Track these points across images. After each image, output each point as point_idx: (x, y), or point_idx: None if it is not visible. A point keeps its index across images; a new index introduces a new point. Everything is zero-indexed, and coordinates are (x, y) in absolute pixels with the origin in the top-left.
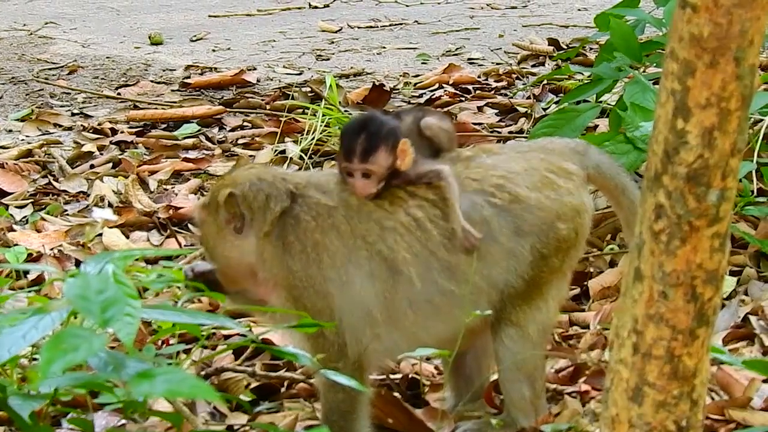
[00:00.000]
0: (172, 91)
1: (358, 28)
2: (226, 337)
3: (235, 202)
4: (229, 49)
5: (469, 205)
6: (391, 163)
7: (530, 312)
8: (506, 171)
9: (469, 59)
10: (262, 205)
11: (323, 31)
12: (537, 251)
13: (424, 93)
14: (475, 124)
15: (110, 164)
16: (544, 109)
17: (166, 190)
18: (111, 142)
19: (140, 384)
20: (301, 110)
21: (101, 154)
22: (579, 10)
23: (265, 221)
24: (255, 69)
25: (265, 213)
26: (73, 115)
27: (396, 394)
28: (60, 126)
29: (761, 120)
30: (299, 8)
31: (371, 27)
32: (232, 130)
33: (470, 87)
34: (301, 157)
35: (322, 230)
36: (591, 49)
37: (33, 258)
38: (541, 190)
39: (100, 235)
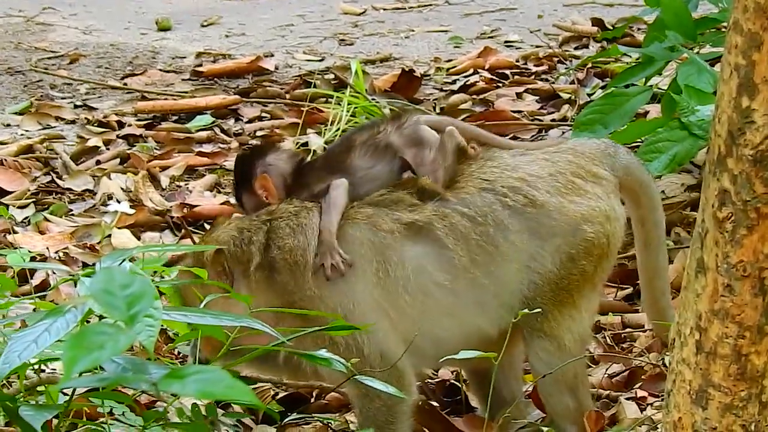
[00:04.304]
0: (183, 80)
1: (384, 9)
2: None
3: (222, 260)
4: (243, 34)
5: (480, 203)
6: (258, 202)
7: (563, 321)
8: (526, 174)
9: (506, 42)
10: (243, 260)
11: (346, 13)
12: (564, 253)
13: (458, 79)
14: (514, 111)
15: (118, 160)
16: (589, 95)
17: (179, 187)
18: (118, 136)
19: (170, 384)
20: (324, 99)
21: (108, 149)
22: None
23: (250, 274)
24: (272, 55)
25: (247, 266)
26: (75, 107)
27: (434, 402)
28: (62, 119)
29: None
30: None
31: (398, 8)
32: (250, 121)
33: (508, 72)
34: (325, 149)
35: (299, 244)
36: (639, 29)
37: (36, 262)
38: (565, 195)
39: (109, 236)
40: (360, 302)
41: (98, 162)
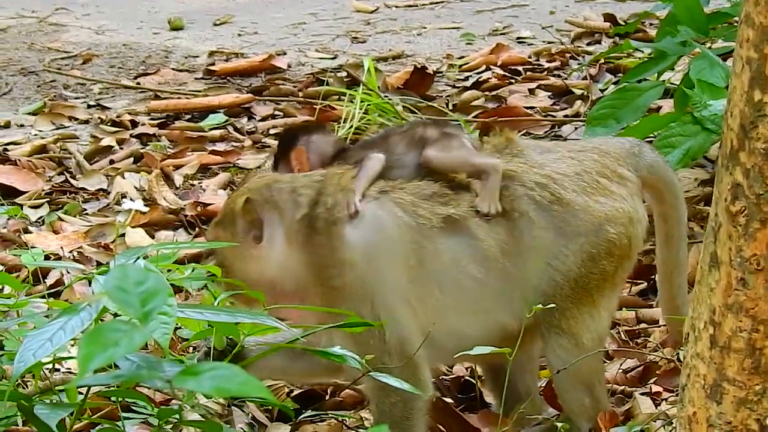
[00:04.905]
0: (196, 79)
1: (396, 7)
2: None
3: (253, 207)
4: (256, 32)
5: (507, 194)
6: (290, 172)
7: (582, 319)
8: (553, 171)
9: (518, 38)
10: (282, 207)
11: (358, 11)
12: (586, 252)
13: (470, 75)
14: (526, 108)
15: (131, 159)
16: (602, 90)
17: (192, 185)
18: (131, 136)
19: (185, 381)
20: (336, 97)
21: (121, 148)
22: None
23: (290, 224)
24: (285, 53)
25: (286, 215)
26: (89, 107)
27: (448, 399)
28: (75, 119)
29: None
30: None
31: (410, 6)
32: (263, 119)
33: (520, 68)
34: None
35: (347, 230)
36: (651, 24)
37: (50, 261)
38: (591, 194)
39: (123, 235)
40: (387, 283)
41: (112, 161)
